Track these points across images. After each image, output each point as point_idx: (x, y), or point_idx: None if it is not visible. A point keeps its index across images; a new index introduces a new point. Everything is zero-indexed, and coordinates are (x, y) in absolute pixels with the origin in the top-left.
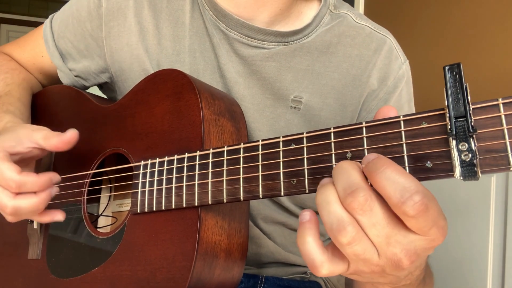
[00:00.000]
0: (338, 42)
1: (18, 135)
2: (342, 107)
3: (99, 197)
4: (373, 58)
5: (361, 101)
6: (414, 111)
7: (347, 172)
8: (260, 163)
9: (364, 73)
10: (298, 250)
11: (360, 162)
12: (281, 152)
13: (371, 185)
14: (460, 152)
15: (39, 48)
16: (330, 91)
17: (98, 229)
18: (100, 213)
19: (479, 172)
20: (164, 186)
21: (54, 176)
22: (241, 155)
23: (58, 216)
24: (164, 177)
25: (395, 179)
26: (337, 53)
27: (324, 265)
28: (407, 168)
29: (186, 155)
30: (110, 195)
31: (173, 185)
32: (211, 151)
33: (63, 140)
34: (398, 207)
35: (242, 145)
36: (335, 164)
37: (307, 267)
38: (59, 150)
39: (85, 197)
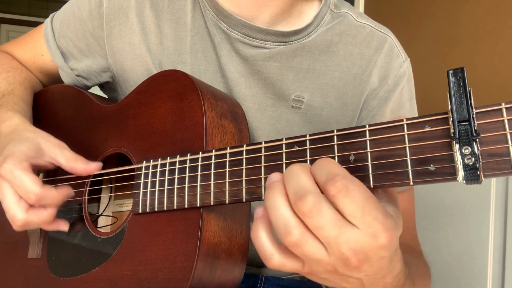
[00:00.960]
0: (339, 41)
1: (39, 147)
2: (343, 106)
3: (100, 197)
4: (374, 56)
5: (362, 100)
6: (416, 109)
7: (296, 175)
8: (262, 164)
9: (365, 71)
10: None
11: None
12: (284, 154)
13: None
14: (463, 156)
15: (40, 47)
16: (331, 90)
17: (98, 229)
18: (100, 213)
19: (482, 176)
20: (166, 187)
21: (71, 192)
22: (244, 156)
23: (62, 226)
24: (166, 177)
25: (322, 165)
26: (338, 52)
27: (274, 256)
28: (410, 171)
29: (189, 156)
30: (110, 195)
31: (175, 186)
32: (213, 152)
33: (88, 168)
34: (323, 188)
35: (244, 147)
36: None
37: None
38: (77, 174)
39: (86, 197)
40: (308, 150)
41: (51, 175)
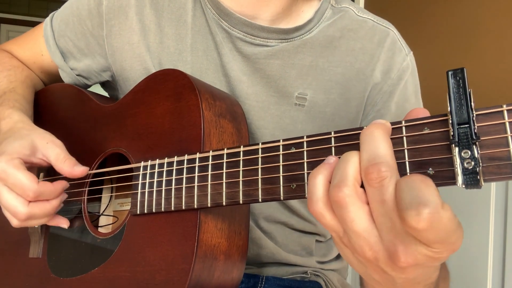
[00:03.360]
0: (341, 36)
1: (33, 144)
2: (347, 102)
3: (101, 196)
4: (376, 51)
5: (366, 95)
6: (421, 103)
7: (377, 141)
8: (259, 166)
9: (368, 66)
10: (296, 250)
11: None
12: (281, 156)
13: None
14: (462, 159)
15: (39, 47)
16: (334, 86)
17: (99, 228)
18: (101, 212)
19: (482, 180)
20: (163, 188)
21: (66, 185)
22: (241, 158)
23: (63, 223)
24: (164, 178)
25: (414, 184)
26: (340, 47)
27: (319, 203)
28: (408, 174)
29: (186, 157)
30: (111, 195)
31: (173, 187)
32: (210, 153)
33: (72, 172)
34: (400, 212)
35: (242, 148)
36: None
37: (308, 267)
38: (64, 175)
39: (86, 197)
40: (305, 152)
41: (52, 174)
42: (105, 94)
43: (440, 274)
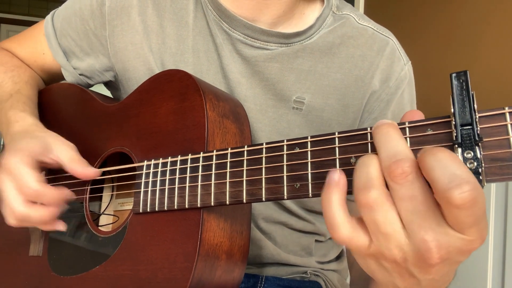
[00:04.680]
0: (341, 43)
1: (47, 144)
2: (344, 108)
3: (101, 195)
4: (376, 59)
5: (364, 102)
6: None
7: (394, 139)
8: (263, 166)
9: (367, 74)
10: (296, 251)
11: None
12: (285, 156)
13: None
14: (465, 160)
15: (41, 46)
16: (332, 92)
17: (99, 228)
18: (102, 212)
19: (484, 181)
20: (166, 187)
21: (69, 194)
22: (245, 157)
23: (59, 226)
24: (167, 177)
25: (446, 163)
26: (339, 54)
27: (344, 227)
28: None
29: (190, 156)
30: (112, 194)
31: (176, 186)
32: (214, 153)
33: (85, 173)
34: (443, 193)
35: (246, 148)
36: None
37: (307, 267)
38: (76, 176)
39: (88, 196)
40: (309, 152)
41: (54, 173)
42: (108, 93)
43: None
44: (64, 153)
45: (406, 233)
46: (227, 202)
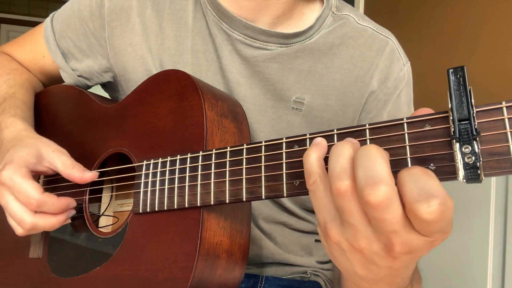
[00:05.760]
0: (341, 43)
1: (39, 153)
2: (344, 108)
3: (101, 196)
4: (375, 59)
5: (363, 102)
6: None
7: (373, 160)
8: (263, 164)
9: (366, 74)
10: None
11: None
12: (284, 153)
13: None
14: (463, 154)
15: (40, 48)
16: (332, 92)
17: (99, 229)
18: (101, 213)
19: (482, 175)
20: (166, 186)
21: (72, 202)
22: (244, 156)
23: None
24: (167, 177)
25: (417, 177)
26: (339, 54)
27: (314, 175)
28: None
29: (189, 155)
30: (111, 195)
31: (176, 185)
32: (214, 151)
33: (83, 177)
34: (410, 205)
35: (245, 146)
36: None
37: (307, 267)
38: (74, 181)
39: (87, 197)
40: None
41: (51, 176)
42: (106, 95)
43: (413, 276)
44: (56, 159)
45: (372, 228)
46: (227, 201)
